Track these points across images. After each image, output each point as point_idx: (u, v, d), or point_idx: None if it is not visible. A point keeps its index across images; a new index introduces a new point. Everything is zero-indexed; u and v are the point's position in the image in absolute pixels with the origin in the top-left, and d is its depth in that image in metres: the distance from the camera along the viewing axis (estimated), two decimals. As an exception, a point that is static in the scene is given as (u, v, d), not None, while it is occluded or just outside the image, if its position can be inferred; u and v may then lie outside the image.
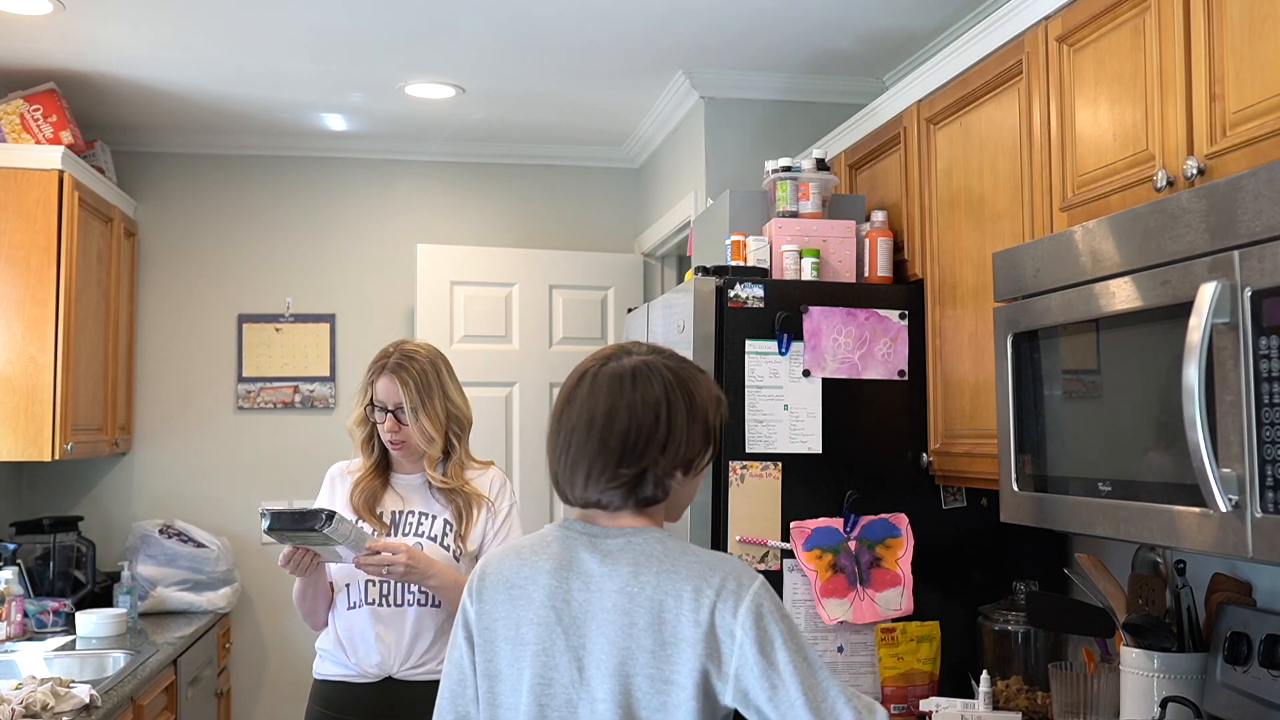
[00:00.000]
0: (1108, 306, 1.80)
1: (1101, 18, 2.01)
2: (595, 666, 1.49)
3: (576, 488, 1.56)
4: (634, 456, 1.51)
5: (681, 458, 1.54)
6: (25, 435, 3.53)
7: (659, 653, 1.46)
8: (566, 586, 1.53)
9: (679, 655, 1.45)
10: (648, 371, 1.55)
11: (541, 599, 1.53)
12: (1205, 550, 1.59)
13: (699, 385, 1.57)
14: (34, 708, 2.51)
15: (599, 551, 1.53)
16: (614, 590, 1.50)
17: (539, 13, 3.24)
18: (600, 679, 1.48)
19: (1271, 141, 1.61)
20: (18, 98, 3.67)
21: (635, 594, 1.49)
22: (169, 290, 4.52)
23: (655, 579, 1.49)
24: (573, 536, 1.57)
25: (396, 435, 2.49)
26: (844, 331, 2.67)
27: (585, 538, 1.56)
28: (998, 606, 2.61)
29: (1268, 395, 1.46)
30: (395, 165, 4.70)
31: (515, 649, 1.55)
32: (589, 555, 1.54)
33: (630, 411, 1.52)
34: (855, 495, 2.64)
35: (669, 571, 1.49)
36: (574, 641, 1.51)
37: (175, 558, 4.07)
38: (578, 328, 4.53)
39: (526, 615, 1.54)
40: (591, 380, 1.57)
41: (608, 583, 1.51)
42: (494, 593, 1.58)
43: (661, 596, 1.48)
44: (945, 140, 2.61)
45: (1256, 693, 1.92)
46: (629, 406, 1.52)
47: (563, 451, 1.56)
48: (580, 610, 1.51)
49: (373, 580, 2.46)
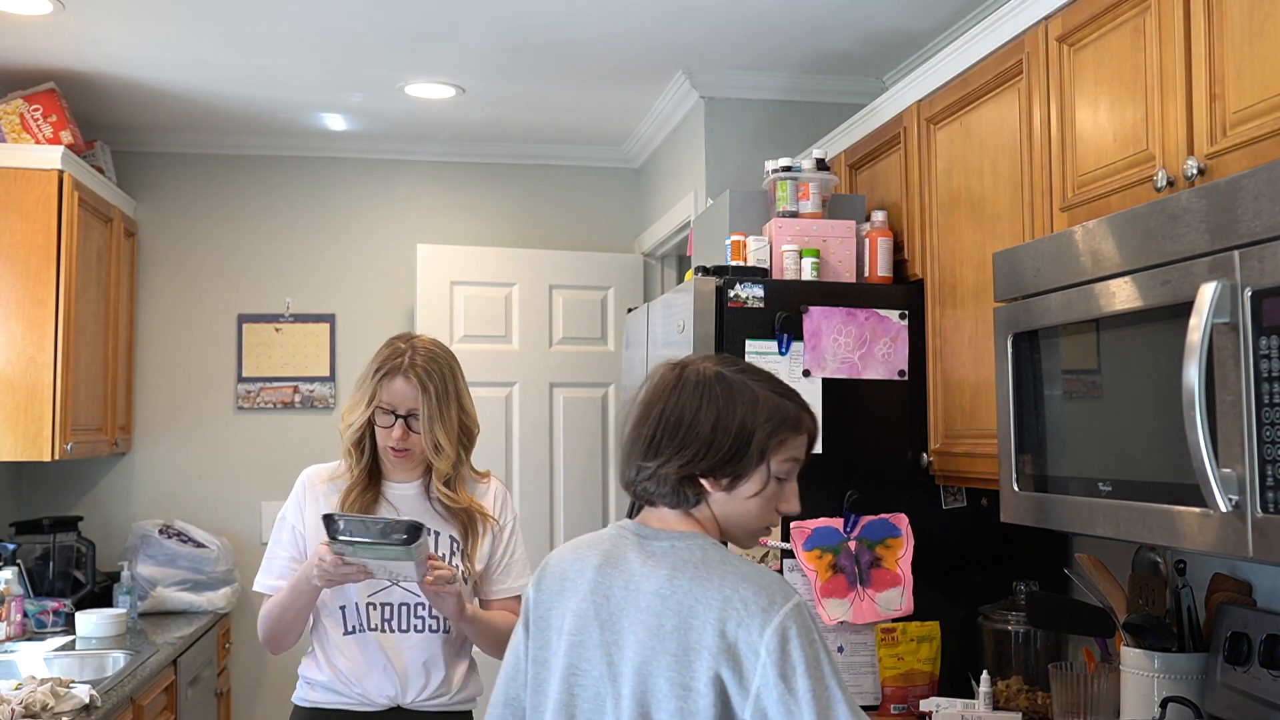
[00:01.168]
0: (1108, 306, 1.80)
1: (1102, 18, 2.01)
2: (623, 663, 1.51)
3: (621, 467, 1.63)
4: (654, 450, 1.56)
5: (701, 463, 1.54)
6: (25, 435, 3.53)
7: (681, 658, 1.47)
8: (609, 583, 1.57)
9: (700, 663, 1.46)
10: (695, 379, 1.58)
11: (585, 591, 1.58)
12: (1205, 550, 1.59)
13: (742, 400, 1.56)
14: (34, 708, 2.51)
15: (645, 552, 1.57)
16: (649, 591, 1.52)
17: (539, 13, 3.24)
18: (626, 676, 1.51)
19: (1272, 141, 1.61)
20: (17, 98, 3.67)
21: (668, 597, 1.50)
22: (169, 290, 4.52)
23: (689, 585, 1.50)
24: (625, 535, 1.61)
25: (403, 443, 2.22)
26: (844, 331, 2.67)
27: (636, 538, 1.60)
28: (998, 606, 2.61)
29: (1268, 395, 1.46)
30: (395, 165, 4.70)
31: (558, 638, 1.60)
32: (635, 555, 1.57)
33: (664, 408, 1.57)
34: (855, 495, 2.63)
35: (704, 579, 1.50)
36: (608, 636, 1.54)
37: (175, 558, 4.07)
38: (578, 328, 4.52)
39: (570, 606, 1.59)
40: (652, 379, 1.64)
41: (645, 583, 1.53)
42: (550, 583, 1.65)
43: (692, 603, 1.49)
44: (945, 140, 2.61)
45: (1257, 693, 1.92)
46: (664, 404, 1.58)
47: (620, 433, 1.65)
48: (617, 607, 1.54)
49: (373, 603, 2.24)
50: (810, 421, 1.62)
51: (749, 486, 1.56)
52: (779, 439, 1.57)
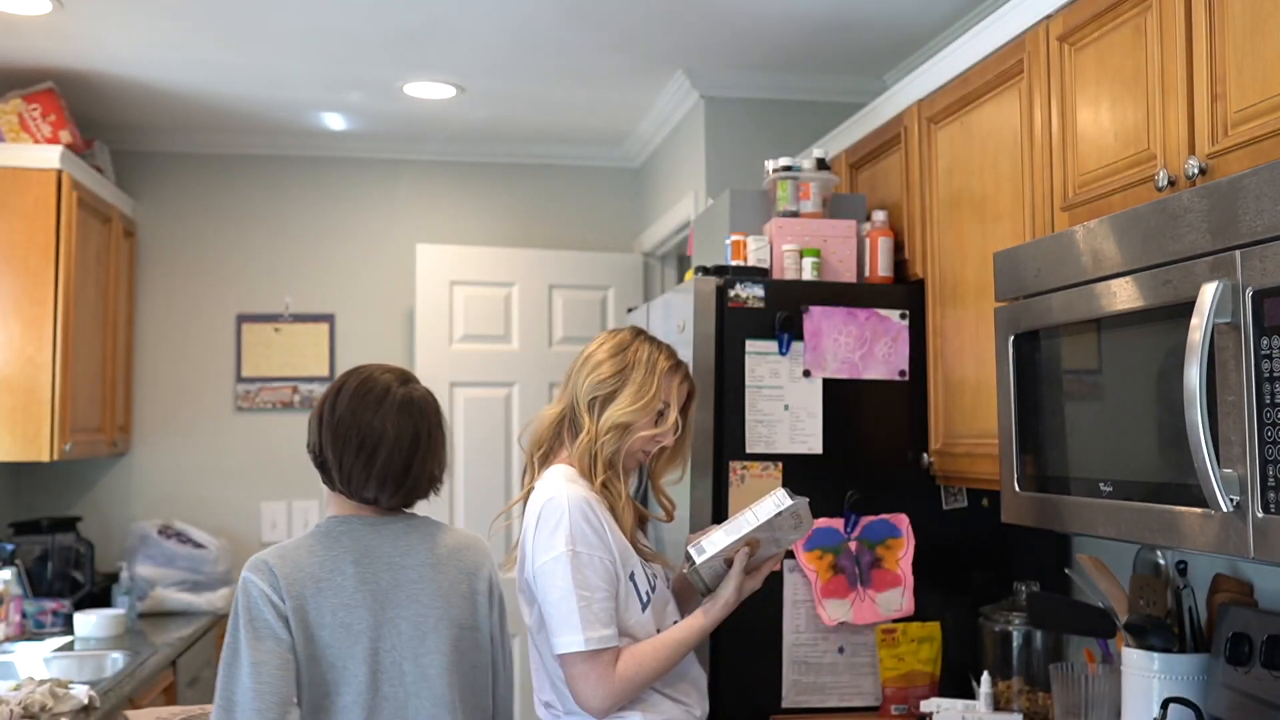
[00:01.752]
0: (1109, 306, 1.80)
1: (1103, 17, 2.01)
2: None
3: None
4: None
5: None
6: (23, 435, 3.52)
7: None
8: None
9: None
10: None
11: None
12: (1206, 551, 1.59)
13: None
14: (32, 708, 2.51)
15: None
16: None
17: (539, 12, 3.23)
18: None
19: (1273, 141, 1.61)
20: (16, 97, 3.67)
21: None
22: (168, 290, 4.51)
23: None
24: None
25: (668, 441, 2.14)
26: (844, 331, 2.66)
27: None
28: (999, 607, 2.60)
29: (1269, 395, 1.45)
30: (395, 165, 4.70)
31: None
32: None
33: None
34: (856, 495, 2.63)
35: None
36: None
37: (174, 558, 4.07)
38: (578, 328, 4.52)
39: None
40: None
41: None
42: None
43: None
44: (946, 140, 2.60)
45: (1258, 694, 1.91)
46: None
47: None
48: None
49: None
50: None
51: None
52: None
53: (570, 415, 2.12)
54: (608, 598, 1.96)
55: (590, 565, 1.95)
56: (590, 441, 2.06)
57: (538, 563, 1.98)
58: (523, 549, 2.04)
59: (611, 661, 1.95)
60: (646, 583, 2.05)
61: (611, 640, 1.95)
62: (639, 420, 2.06)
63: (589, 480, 2.05)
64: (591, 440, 2.06)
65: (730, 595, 2.04)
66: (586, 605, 1.93)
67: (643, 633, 2.02)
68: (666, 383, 2.08)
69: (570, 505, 1.97)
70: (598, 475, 2.05)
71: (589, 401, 2.08)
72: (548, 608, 1.97)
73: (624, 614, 2.00)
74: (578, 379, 2.12)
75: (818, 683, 2.60)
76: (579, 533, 1.95)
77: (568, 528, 1.95)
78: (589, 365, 2.12)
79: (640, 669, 1.96)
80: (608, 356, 2.11)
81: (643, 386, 2.06)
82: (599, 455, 2.05)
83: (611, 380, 2.07)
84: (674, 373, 2.11)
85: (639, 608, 2.02)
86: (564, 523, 1.95)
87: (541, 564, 1.97)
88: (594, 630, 1.93)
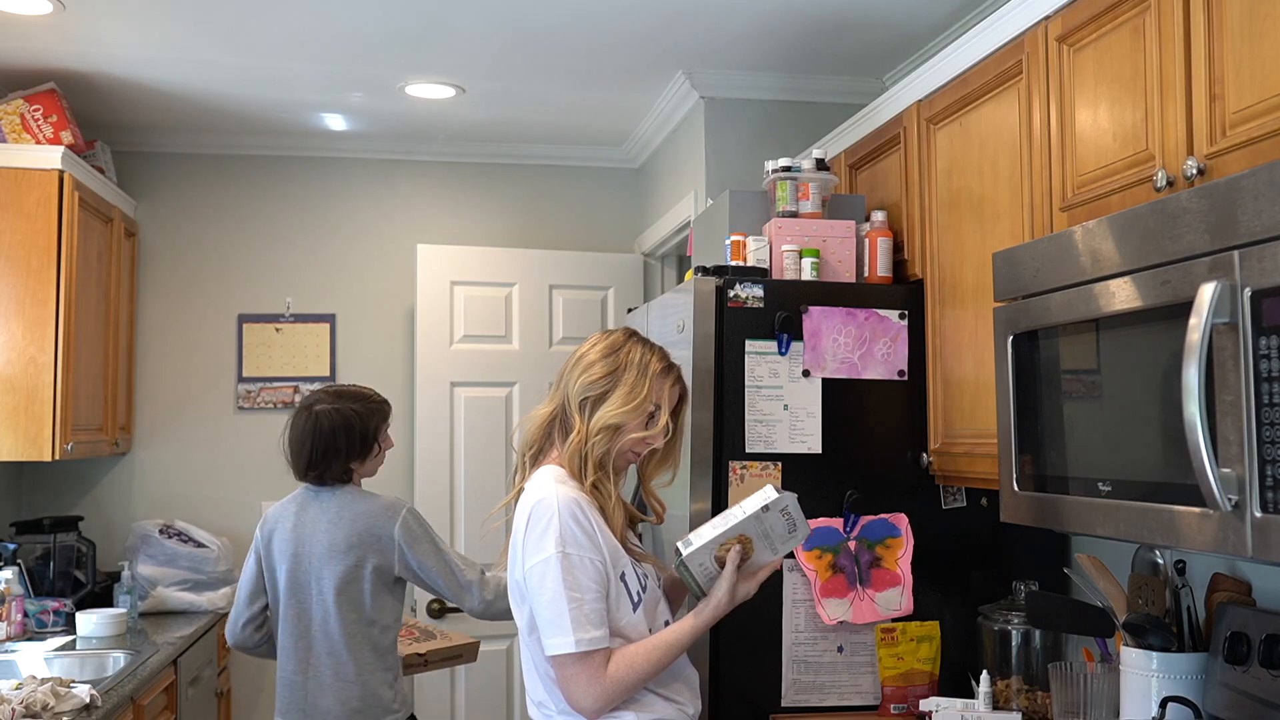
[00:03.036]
0: (1108, 306, 1.81)
1: (1101, 18, 2.01)
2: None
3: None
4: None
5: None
6: (25, 435, 3.53)
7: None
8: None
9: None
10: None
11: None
12: (1205, 550, 1.60)
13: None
14: (34, 708, 2.51)
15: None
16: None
17: (539, 13, 3.24)
18: None
19: (1271, 141, 1.61)
20: (18, 98, 3.68)
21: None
22: (169, 290, 4.52)
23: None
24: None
25: (659, 443, 2.13)
26: (844, 331, 2.67)
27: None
28: (998, 606, 2.61)
29: (1267, 395, 1.46)
30: (395, 165, 4.70)
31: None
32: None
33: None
34: (855, 495, 2.63)
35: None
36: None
37: (175, 558, 4.07)
38: (578, 328, 4.52)
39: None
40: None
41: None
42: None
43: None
44: (945, 140, 2.61)
45: (1256, 693, 1.92)
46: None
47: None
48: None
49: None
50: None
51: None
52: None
53: (561, 415, 2.11)
54: (598, 599, 1.96)
55: (581, 566, 1.94)
56: (581, 442, 2.05)
57: (528, 564, 1.98)
58: (513, 551, 2.04)
59: (603, 663, 1.95)
60: (637, 583, 2.04)
61: (602, 641, 1.94)
62: (630, 422, 2.05)
63: (579, 481, 2.04)
64: (582, 441, 2.04)
65: (723, 597, 2.02)
66: (577, 607, 1.93)
67: (634, 633, 2.01)
68: (658, 385, 2.07)
69: (560, 506, 1.96)
70: (588, 476, 2.04)
71: (580, 402, 2.07)
72: (539, 609, 1.97)
73: (615, 615, 1.99)
74: (570, 379, 2.11)
75: (817, 682, 2.60)
76: (569, 534, 1.95)
77: (558, 529, 1.94)
78: (581, 365, 2.10)
79: (632, 670, 1.96)
80: (600, 357, 2.09)
81: (634, 388, 2.05)
82: (589, 456, 2.04)
83: (603, 381, 2.06)
84: (666, 375, 2.10)
85: (630, 608, 2.02)
86: (554, 524, 1.95)
87: (532, 565, 1.97)
88: (585, 631, 1.93)
